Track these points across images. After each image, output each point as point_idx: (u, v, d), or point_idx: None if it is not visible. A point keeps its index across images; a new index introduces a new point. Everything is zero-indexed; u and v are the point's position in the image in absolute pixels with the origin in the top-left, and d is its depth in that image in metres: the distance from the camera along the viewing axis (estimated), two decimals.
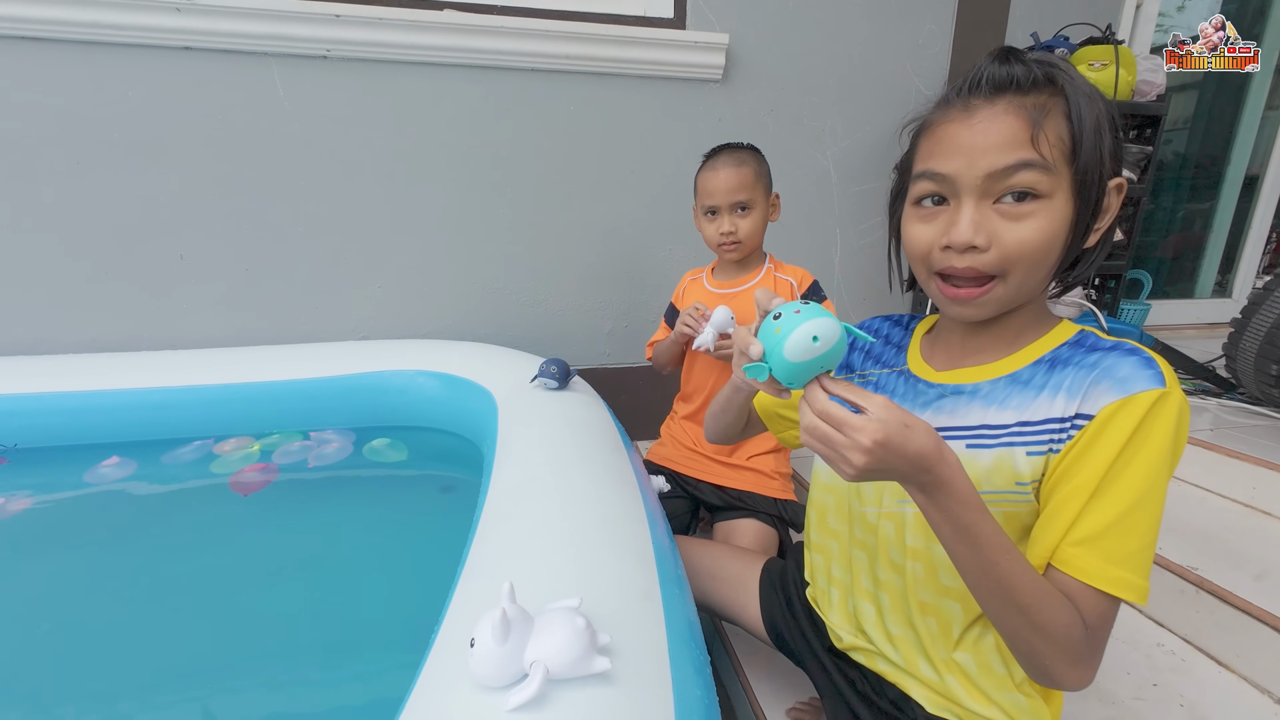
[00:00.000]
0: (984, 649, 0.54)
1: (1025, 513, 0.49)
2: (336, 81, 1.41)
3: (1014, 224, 0.46)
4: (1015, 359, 0.52)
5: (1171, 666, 0.86)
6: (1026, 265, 0.46)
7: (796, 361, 0.43)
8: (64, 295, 1.39)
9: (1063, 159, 0.45)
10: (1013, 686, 0.54)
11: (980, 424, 0.51)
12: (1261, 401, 1.31)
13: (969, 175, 0.46)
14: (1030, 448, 0.48)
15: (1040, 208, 0.45)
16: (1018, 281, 0.47)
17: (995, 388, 0.52)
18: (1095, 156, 0.45)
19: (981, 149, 0.45)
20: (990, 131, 0.45)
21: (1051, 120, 0.44)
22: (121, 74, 1.31)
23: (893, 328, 0.66)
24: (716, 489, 1.11)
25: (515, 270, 1.61)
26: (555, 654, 0.41)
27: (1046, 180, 0.44)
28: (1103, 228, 0.48)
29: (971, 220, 0.46)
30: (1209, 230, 2.36)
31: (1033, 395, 0.49)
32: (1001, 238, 0.46)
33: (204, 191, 1.41)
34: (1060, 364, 0.49)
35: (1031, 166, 0.44)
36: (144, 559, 0.95)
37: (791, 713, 0.80)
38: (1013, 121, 0.45)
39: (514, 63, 1.46)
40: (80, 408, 1.21)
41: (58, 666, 0.74)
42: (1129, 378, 0.44)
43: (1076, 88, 0.45)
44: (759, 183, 1.04)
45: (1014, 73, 0.45)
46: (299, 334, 1.51)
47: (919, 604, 0.56)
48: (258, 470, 1.16)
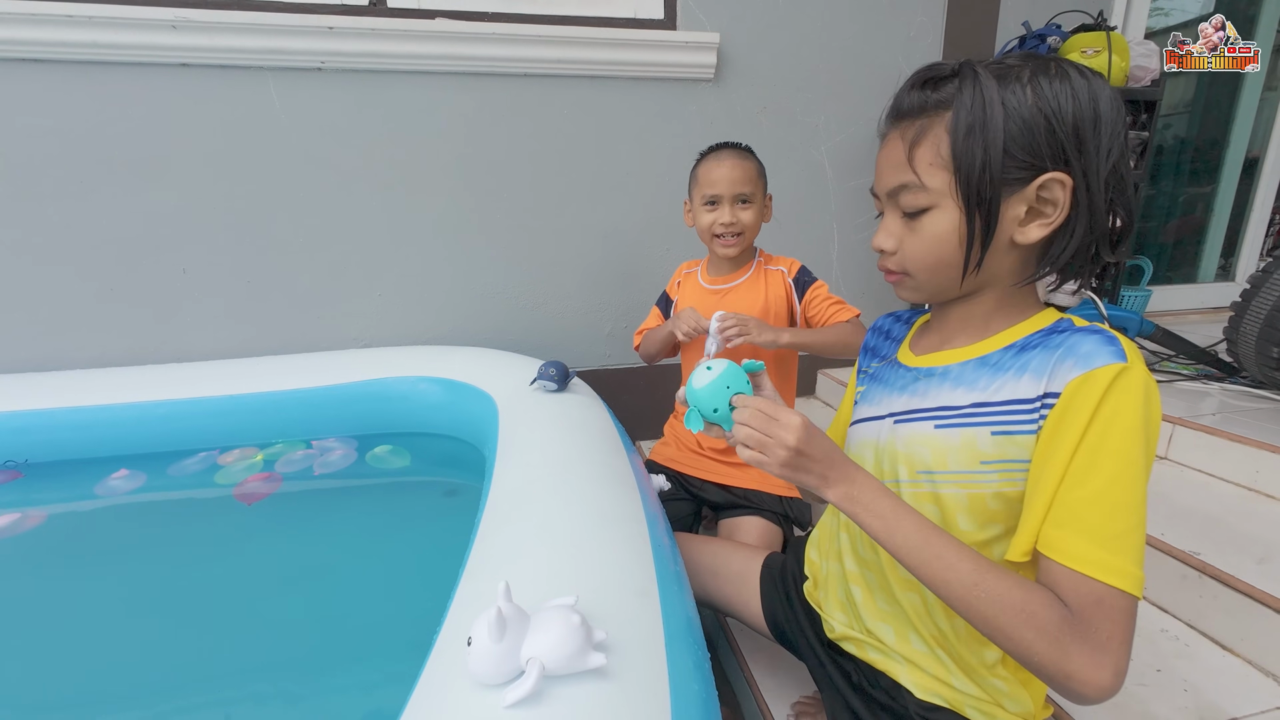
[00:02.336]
0: (960, 628, 0.55)
1: (989, 495, 0.51)
2: (332, 93, 1.42)
3: (911, 234, 0.53)
4: (987, 344, 0.54)
5: (1175, 652, 0.86)
6: (923, 266, 0.53)
7: (699, 387, 0.57)
8: (72, 312, 1.42)
9: (942, 171, 0.49)
10: (986, 670, 0.55)
11: (946, 405, 0.54)
12: (1263, 385, 1.30)
13: (880, 192, 0.55)
14: (994, 427, 0.50)
15: (929, 219, 0.51)
16: (923, 278, 0.54)
17: (964, 370, 0.54)
18: (969, 163, 0.47)
19: (882, 170, 0.54)
20: (887, 155, 0.53)
21: (929, 138, 0.49)
22: (121, 93, 1.33)
23: (894, 323, 0.70)
24: (721, 488, 1.11)
25: (513, 274, 1.62)
26: (551, 650, 0.42)
27: (924, 195, 0.50)
28: (1054, 221, 0.47)
29: (884, 229, 0.55)
30: (1210, 214, 2.35)
31: (998, 376, 0.51)
32: (902, 244, 0.54)
33: (205, 206, 1.43)
34: (1030, 348, 0.50)
35: (907, 188, 0.51)
36: (153, 569, 0.97)
37: (796, 707, 0.81)
38: (897, 146, 0.51)
39: (507, 69, 1.47)
40: (89, 422, 1.23)
41: (69, 675, 0.76)
42: (1090, 354, 0.45)
43: (965, 99, 0.47)
44: (759, 179, 1.05)
45: (902, 102, 0.51)
46: (301, 344, 1.52)
47: (900, 580, 0.58)
48: (261, 480, 1.17)
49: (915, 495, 0.55)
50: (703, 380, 0.58)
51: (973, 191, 0.48)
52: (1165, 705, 0.77)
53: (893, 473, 0.57)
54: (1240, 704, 0.77)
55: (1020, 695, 0.55)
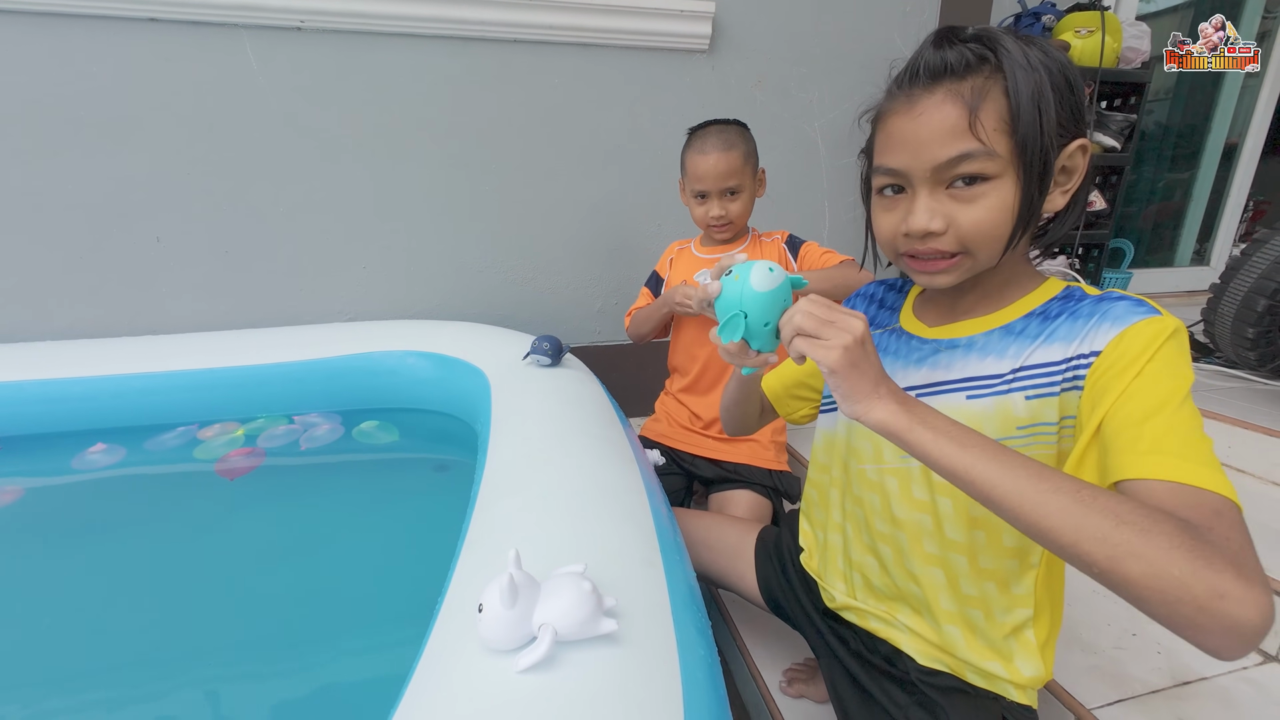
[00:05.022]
0: (989, 597, 0.55)
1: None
2: (312, 54, 1.36)
3: (967, 206, 0.47)
4: (1007, 312, 0.53)
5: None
6: (984, 241, 0.48)
7: (763, 290, 0.48)
8: (36, 282, 1.35)
9: (1005, 137, 0.46)
10: (1013, 632, 0.55)
11: (977, 375, 0.53)
12: (1237, 364, 1.34)
13: (918, 168, 0.48)
14: (1029, 392, 0.49)
15: (990, 188, 0.47)
16: (982, 254, 0.49)
17: (990, 339, 0.53)
18: (1034, 128, 0.45)
19: (925, 142, 0.47)
20: (932, 123, 0.47)
21: (989, 102, 0.45)
22: (85, 48, 1.26)
23: (886, 291, 0.68)
24: (712, 463, 1.12)
25: (503, 248, 1.59)
26: (563, 616, 0.42)
27: (991, 164, 0.46)
28: (1072, 188, 0.49)
29: (926, 208, 0.48)
30: (1189, 199, 2.39)
31: (1028, 343, 0.51)
32: (957, 220, 0.48)
33: (179, 171, 1.36)
34: (1053, 315, 0.50)
35: (973, 156, 0.46)
36: (135, 545, 0.95)
37: (788, 673, 0.83)
38: (951, 111, 0.46)
39: (496, 34, 1.42)
40: (62, 395, 1.18)
41: (49, 654, 0.74)
42: (1125, 314, 0.45)
43: (1014, 60, 0.45)
44: (747, 164, 1.04)
45: (947, 58, 0.46)
46: (284, 317, 1.48)
47: (923, 555, 0.58)
48: (243, 455, 1.14)
49: None
50: (764, 282, 0.48)
51: (1036, 158, 0.45)
52: (1141, 666, 0.80)
53: None
54: (1211, 664, 0.80)
55: (1035, 661, 0.55)
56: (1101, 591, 0.96)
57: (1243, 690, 0.77)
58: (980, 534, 0.54)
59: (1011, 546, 0.54)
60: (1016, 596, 0.55)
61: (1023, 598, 0.55)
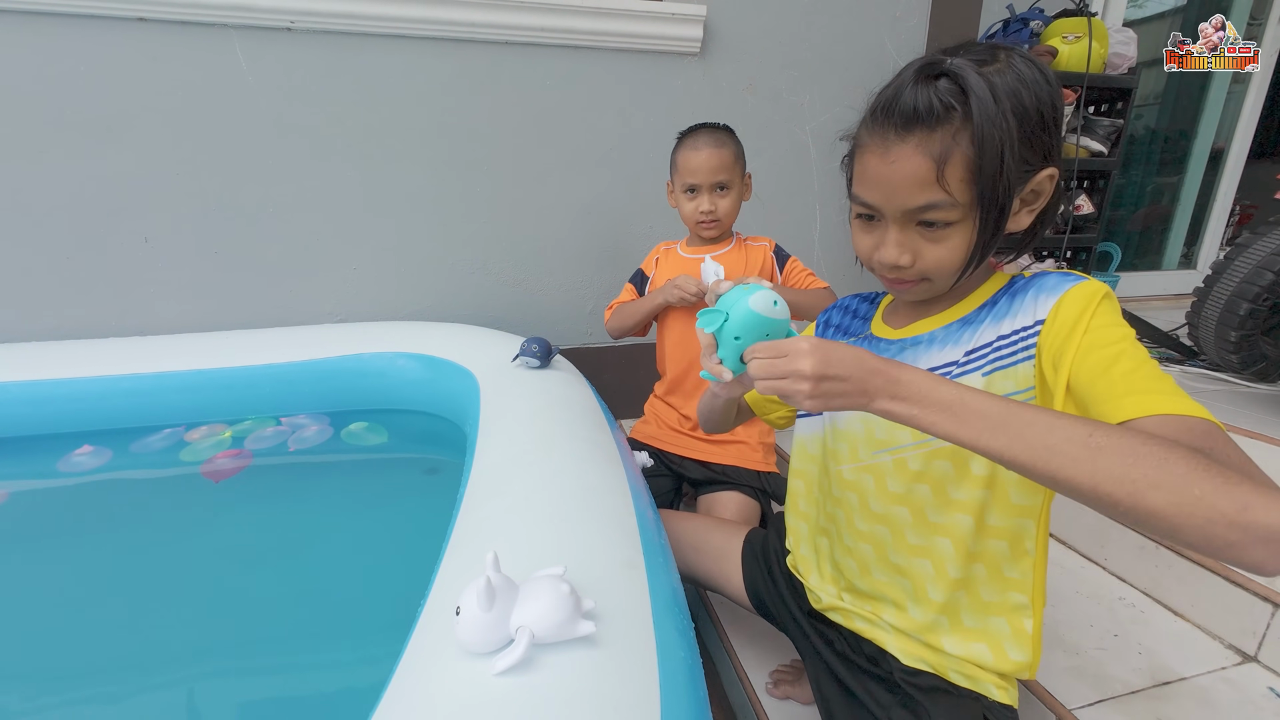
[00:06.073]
0: (976, 579, 0.57)
1: None
2: (303, 56, 1.36)
3: (932, 245, 0.52)
4: (963, 305, 0.57)
5: (1132, 618, 0.90)
6: (944, 272, 0.53)
7: (752, 309, 0.51)
8: (21, 282, 1.34)
9: (969, 186, 0.48)
10: (1008, 611, 0.56)
11: (937, 364, 0.56)
12: (1221, 368, 1.36)
13: (890, 209, 0.52)
14: (985, 368, 0.53)
15: (953, 231, 0.51)
16: (940, 281, 0.54)
17: (949, 332, 0.57)
18: (994, 180, 0.47)
19: (896, 188, 0.50)
20: (904, 171, 0.49)
21: (957, 154, 0.47)
22: (69, 48, 1.25)
23: (861, 303, 0.71)
24: (700, 464, 1.12)
25: (494, 250, 1.59)
26: (540, 619, 0.42)
27: (954, 212, 0.49)
28: (1039, 208, 0.53)
29: (895, 243, 0.53)
30: (1176, 203, 2.42)
31: (978, 328, 0.55)
32: (923, 254, 0.52)
33: (167, 172, 1.36)
34: (1001, 301, 0.55)
35: (938, 206, 0.49)
36: (119, 548, 0.94)
37: (774, 675, 0.83)
38: (921, 163, 0.48)
39: (487, 35, 1.42)
40: (48, 396, 1.17)
41: (34, 656, 0.73)
42: (1058, 283, 0.51)
43: (984, 108, 0.46)
44: (737, 164, 1.06)
45: (919, 106, 0.48)
46: (273, 318, 1.47)
47: (908, 548, 0.59)
48: (230, 457, 1.14)
49: (921, 457, 0.56)
50: (760, 305, 0.51)
51: (993, 205, 0.48)
52: (1121, 667, 0.81)
53: (889, 440, 0.58)
54: (1190, 665, 0.81)
55: (1026, 648, 0.56)
56: (1085, 592, 0.97)
57: (1221, 690, 0.78)
58: (964, 518, 0.55)
59: (997, 527, 0.55)
60: (1010, 580, 0.56)
61: (1017, 582, 0.56)
